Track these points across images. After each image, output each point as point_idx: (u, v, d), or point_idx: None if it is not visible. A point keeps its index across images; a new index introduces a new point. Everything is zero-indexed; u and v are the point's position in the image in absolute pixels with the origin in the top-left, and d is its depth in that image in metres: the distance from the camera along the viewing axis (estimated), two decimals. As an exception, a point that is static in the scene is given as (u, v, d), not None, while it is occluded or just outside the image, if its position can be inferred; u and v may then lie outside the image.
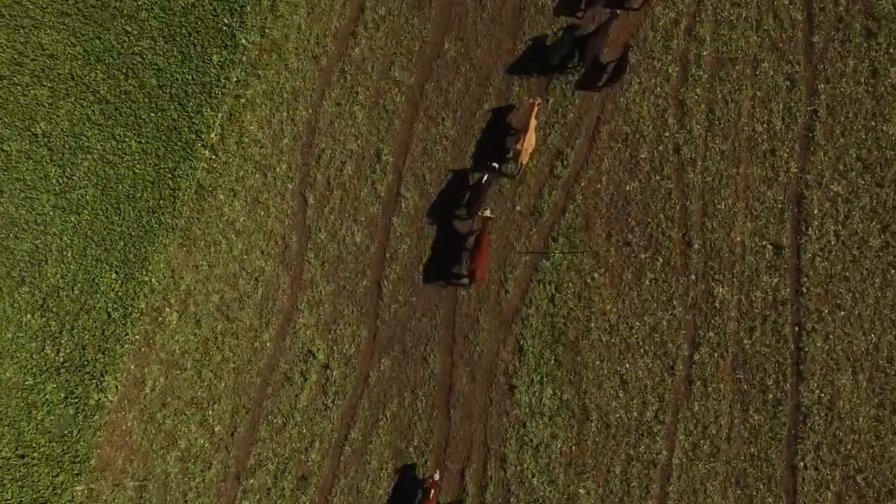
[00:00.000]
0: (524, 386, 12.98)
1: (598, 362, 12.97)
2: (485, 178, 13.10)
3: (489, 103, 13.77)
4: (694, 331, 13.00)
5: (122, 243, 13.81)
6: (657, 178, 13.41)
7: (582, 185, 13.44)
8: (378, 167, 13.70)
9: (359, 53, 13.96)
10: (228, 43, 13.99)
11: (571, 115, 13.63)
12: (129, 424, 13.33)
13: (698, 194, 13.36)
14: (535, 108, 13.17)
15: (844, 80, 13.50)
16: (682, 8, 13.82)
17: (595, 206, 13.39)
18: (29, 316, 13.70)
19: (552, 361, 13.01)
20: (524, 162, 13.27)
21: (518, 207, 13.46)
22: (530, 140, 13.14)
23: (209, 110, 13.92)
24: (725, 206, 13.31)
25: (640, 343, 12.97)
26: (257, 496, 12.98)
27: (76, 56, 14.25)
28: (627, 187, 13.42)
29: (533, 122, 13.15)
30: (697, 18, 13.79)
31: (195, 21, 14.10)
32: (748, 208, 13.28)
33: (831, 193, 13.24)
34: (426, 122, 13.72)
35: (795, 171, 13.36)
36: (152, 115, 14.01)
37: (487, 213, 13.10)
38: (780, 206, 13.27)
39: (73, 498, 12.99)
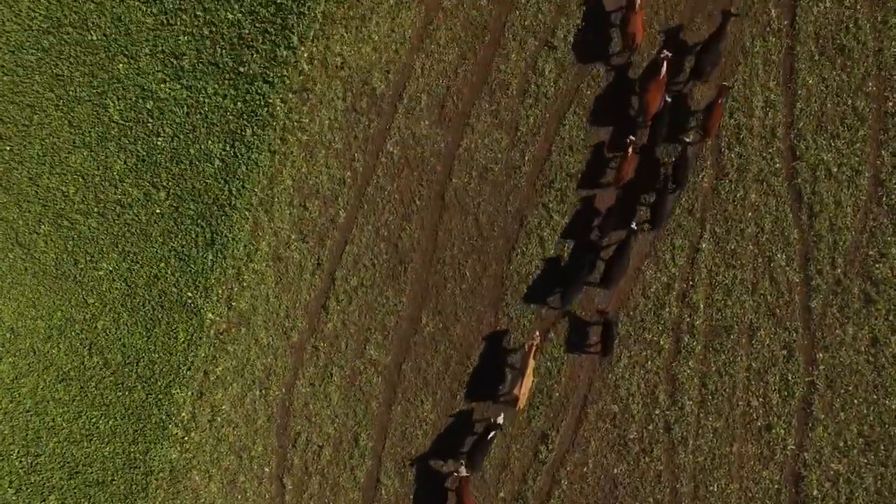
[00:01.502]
0: None
1: None
2: (489, 435, 13.65)
3: (470, 384, 14.16)
4: None
5: (94, 528, 14.41)
6: (646, 459, 13.88)
7: (568, 469, 13.94)
8: (356, 452, 14.21)
9: (331, 329, 14.35)
10: (194, 318, 14.42)
11: (557, 394, 14.07)
12: None
13: (689, 476, 13.84)
14: (534, 349, 13.54)
15: (844, 348, 13.86)
16: (675, 271, 14.13)
17: (581, 490, 13.91)
18: None
19: None
20: (522, 406, 13.73)
21: (501, 494, 14.01)
22: (527, 383, 13.59)
23: (178, 389, 14.42)
24: (718, 487, 13.81)
25: None
26: None
27: (37, 330, 14.72)
28: (615, 470, 13.90)
29: (531, 363, 13.58)
30: (691, 283, 14.10)
31: (158, 295, 14.50)
32: (742, 490, 13.78)
33: (831, 473, 13.70)
34: (405, 405, 14.18)
35: (793, 448, 13.82)
36: (119, 394, 14.51)
37: (463, 472, 13.48)
38: (776, 486, 13.76)
39: None
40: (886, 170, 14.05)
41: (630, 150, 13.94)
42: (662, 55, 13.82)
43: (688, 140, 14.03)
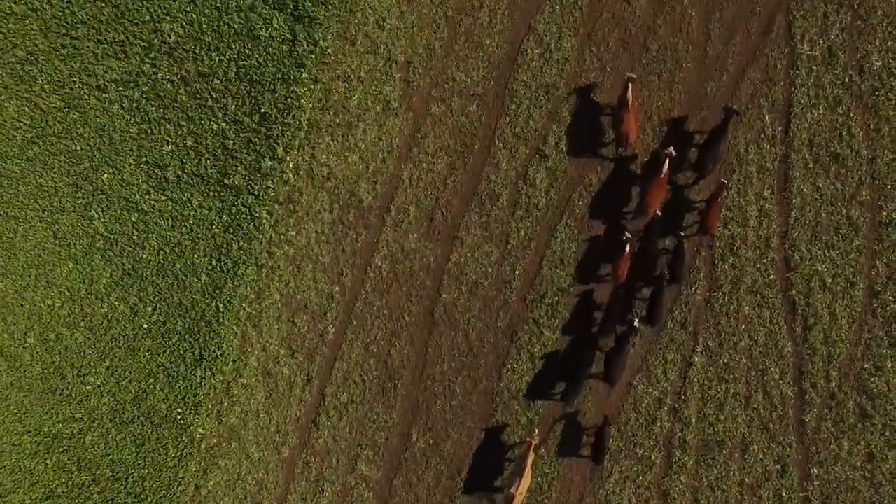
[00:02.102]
0: None
1: None
2: None
3: (461, 500, 14.36)
4: None
5: None
6: (639, 576, 14.09)
7: (561, 586, 14.16)
8: (349, 569, 14.45)
9: (322, 444, 14.55)
10: (184, 433, 14.66)
11: (548, 510, 14.26)
12: None
13: (684, 592, 14.04)
14: (532, 445, 13.76)
15: (839, 464, 14.04)
16: (667, 385, 14.28)
17: None
18: None
19: None
20: (518, 507, 14.09)
21: None
22: (525, 482, 13.84)
23: (169, 504, 14.61)
24: None
25: None
26: None
27: (23, 445, 14.97)
28: (608, 587, 14.12)
29: (530, 461, 13.81)
30: (683, 397, 14.26)
31: (147, 410, 14.72)
32: None
33: (824, 589, 13.89)
34: (396, 521, 14.40)
35: (786, 564, 14.00)
36: (109, 511, 14.71)
37: None
38: None
39: None
40: (881, 281, 14.13)
41: (627, 248, 14.00)
42: (666, 152, 13.84)
43: (684, 235, 14.10)
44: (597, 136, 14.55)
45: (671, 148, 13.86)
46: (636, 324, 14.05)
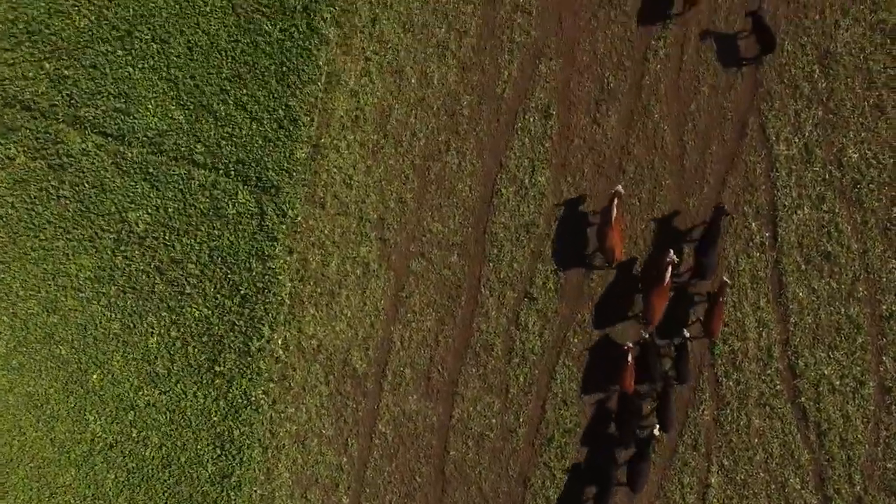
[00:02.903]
0: None
1: None
2: None
3: None
4: None
5: None
6: None
7: None
8: None
9: None
10: None
11: None
12: None
13: None
14: None
15: (870, 572, 14.11)
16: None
17: None
18: None
19: None
20: None
21: None
22: None
23: None
24: None
25: None
26: None
27: None
28: None
29: None
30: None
31: None
32: None
33: None
34: None
35: None
36: None
37: None
38: None
39: None
40: (891, 376, 14.16)
41: (630, 358, 14.03)
42: (668, 260, 13.83)
43: (688, 335, 14.10)
44: (583, 267, 14.54)
45: (672, 254, 13.88)
46: (656, 432, 14.10)
